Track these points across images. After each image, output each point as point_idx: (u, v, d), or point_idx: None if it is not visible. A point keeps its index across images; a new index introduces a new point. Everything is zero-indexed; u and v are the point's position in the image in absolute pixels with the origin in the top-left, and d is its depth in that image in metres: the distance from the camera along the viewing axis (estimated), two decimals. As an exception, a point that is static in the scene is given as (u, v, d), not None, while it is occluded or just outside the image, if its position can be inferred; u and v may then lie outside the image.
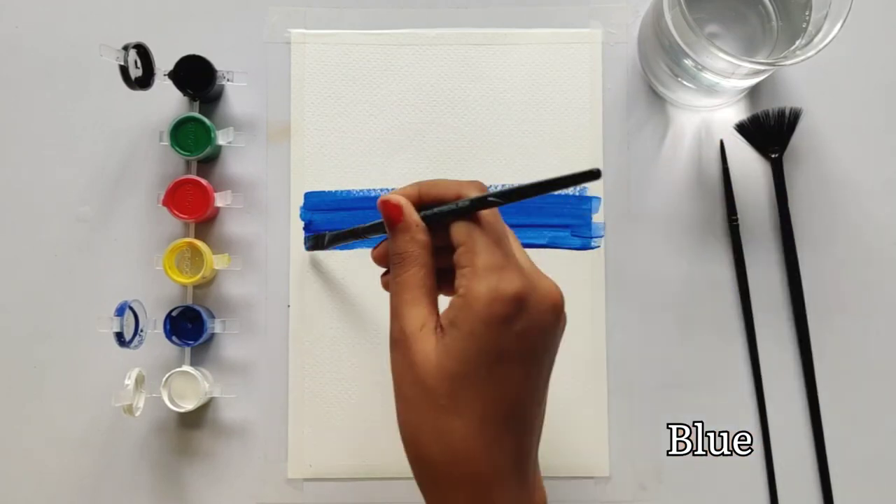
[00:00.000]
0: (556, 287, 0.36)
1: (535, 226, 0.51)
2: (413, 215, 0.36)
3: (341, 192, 0.51)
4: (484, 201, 0.35)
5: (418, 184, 0.38)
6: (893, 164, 0.52)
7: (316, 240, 0.48)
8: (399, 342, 0.35)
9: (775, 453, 0.50)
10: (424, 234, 0.36)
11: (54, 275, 0.51)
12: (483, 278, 0.34)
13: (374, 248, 0.39)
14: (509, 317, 0.33)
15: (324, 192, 0.51)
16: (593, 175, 0.32)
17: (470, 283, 0.34)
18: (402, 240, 0.36)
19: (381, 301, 0.51)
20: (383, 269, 0.40)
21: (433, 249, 0.36)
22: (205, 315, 0.49)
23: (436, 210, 0.36)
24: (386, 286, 0.39)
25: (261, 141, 0.52)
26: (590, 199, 0.51)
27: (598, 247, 0.51)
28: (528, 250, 0.50)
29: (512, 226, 0.51)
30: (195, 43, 0.51)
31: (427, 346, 0.34)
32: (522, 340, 0.34)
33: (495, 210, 0.36)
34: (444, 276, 0.37)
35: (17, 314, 0.51)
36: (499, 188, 0.48)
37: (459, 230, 0.35)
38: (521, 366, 0.34)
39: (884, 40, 0.52)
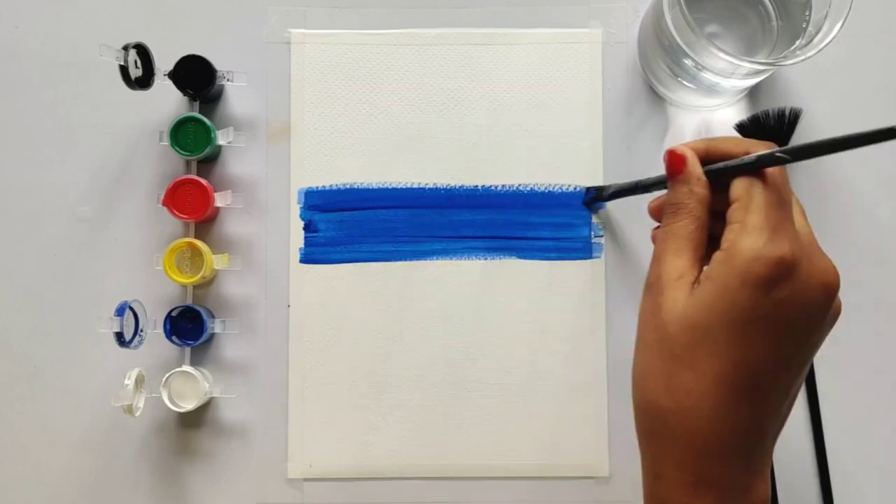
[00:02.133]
0: (834, 268, 0.34)
1: (535, 224, 0.51)
2: (696, 167, 0.36)
3: (340, 188, 0.51)
4: (771, 157, 0.34)
5: (707, 139, 0.37)
6: (893, 164, 0.52)
7: (597, 191, 0.49)
8: (653, 286, 0.35)
9: (775, 453, 0.50)
10: (704, 188, 0.35)
11: (54, 275, 0.51)
12: (750, 235, 0.32)
13: (653, 201, 0.39)
14: (770, 280, 0.32)
15: (323, 189, 0.51)
16: (893, 133, 0.30)
17: (736, 238, 0.33)
18: (680, 191, 0.36)
19: (380, 301, 0.51)
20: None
21: (710, 207, 0.35)
22: (205, 315, 0.49)
23: (720, 165, 0.36)
24: (654, 239, 0.38)
25: (261, 141, 0.52)
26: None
27: (598, 257, 0.51)
28: (532, 261, 0.51)
29: (511, 224, 0.51)
30: (195, 43, 0.51)
31: (679, 295, 0.33)
32: (780, 310, 0.32)
33: (783, 173, 0.35)
34: (715, 243, 0.35)
35: (17, 314, 0.51)
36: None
37: (739, 185, 0.34)
38: (771, 337, 0.32)
39: (884, 40, 0.52)
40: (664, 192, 0.39)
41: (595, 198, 0.50)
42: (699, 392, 0.32)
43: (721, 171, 0.36)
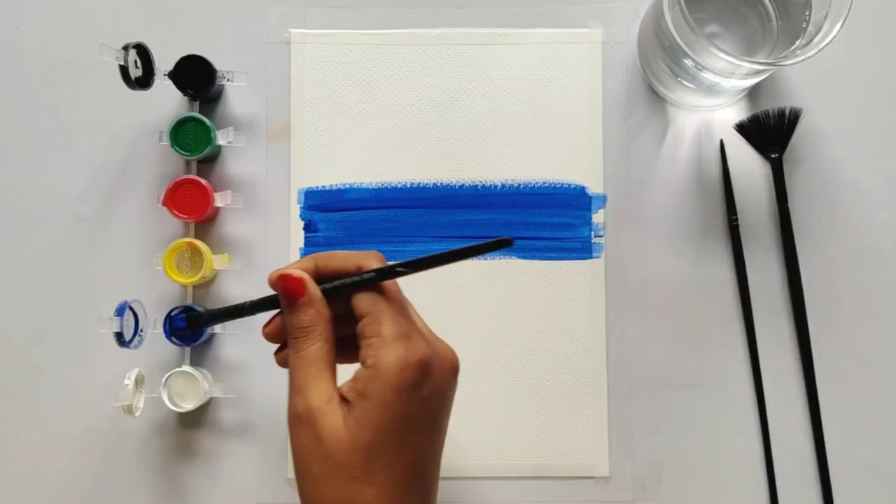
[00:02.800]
0: (453, 350, 0.37)
1: (535, 224, 0.51)
2: (315, 289, 0.36)
3: (340, 187, 0.51)
4: (391, 272, 0.36)
5: (313, 257, 0.38)
6: (893, 164, 0.52)
7: (190, 320, 0.44)
8: (304, 418, 0.35)
9: (775, 453, 0.50)
10: (326, 307, 0.36)
11: (54, 275, 0.51)
12: (391, 348, 0.34)
13: (266, 324, 0.39)
14: (417, 383, 0.34)
15: (323, 189, 0.51)
16: (506, 243, 0.33)
17: (378, 353, 0.34)
18: (306, 314, 0.36)
19: (381, 301, 0.51)
20: (275, 346, 0.39)
21: (333, 321, 0.37)
22: (205, 315, 0.49)
23: (338, 283, 0.36)
24: (282, 363, 0.39)
25: (260, 141, 0.52)
26: (590, 198, 0.51)
27: (598, 257, 0.51)
28: (532, 261, 0.51)
29: (511, 224, 0.51)
30: (195, 43, 0.51)
31: (335, 420, 0.34)
32: (427, 405, 0.35)
33: (396, 280, 0.37)
34: (340, 344, 0.37)
35: (17, 314, 0.51)
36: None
37: (363, 301, 0.36)
38: (427, 429, 0.36)
39: (884, 40, 0.52)
40: (269, 312, 0.39)
41: (189, 325, 0.44)
42: (382, 501, 0.34)
43: (341, 288, 0.36)
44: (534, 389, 0.51)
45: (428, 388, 0.35)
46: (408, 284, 0.52)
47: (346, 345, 0.37)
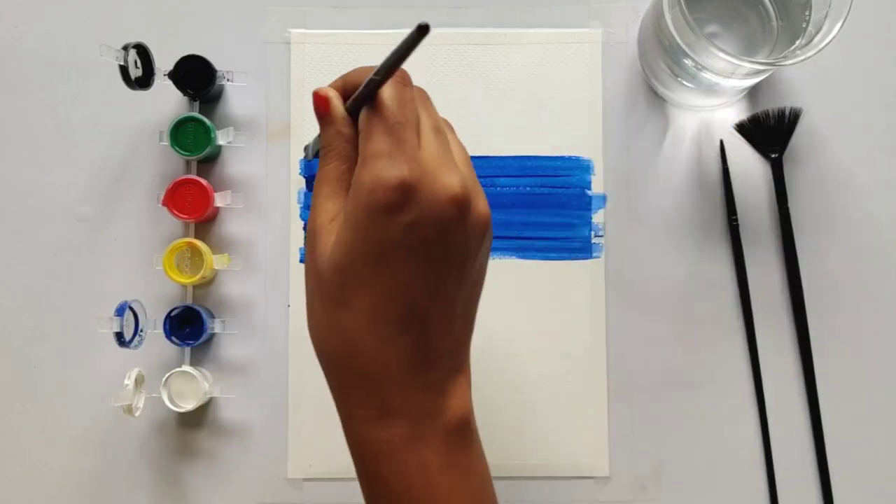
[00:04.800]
0: (461, 181, 0.32)
1: (535, 224, 0.51)
2: (338, 108, 0.35)
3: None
4: (370, 83, 0.33)
5: (344, 74, 0.36)
6: (893, 164, 0.52)
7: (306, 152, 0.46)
8: (309, 235, 0.34)
9: (775, 453, 0.50)
10: (349, 126, 0.35)
11: (54, 275, 0.51)
12: (368, 165, 0.32)
13: None
14: (392, 206, 0.31)
15: None
16: (423, 29, 0.30)
17: (357, 171, 0.32)
18: (327, 133, 0.35)
19: (381, 301, 0.51)
20: None
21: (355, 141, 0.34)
22: (205, 315, 0.49)
23: (350, 100, 0.35)
24: None
25: (261, 141, 0.52)
26: (590, 198, 0.51)
27: (598, 257, 0.51)
28: (532, 261, 0.51)
29: (511, 224, 0.51)
30: (195, 43, 0.51)
31: (329, 239, 0.33)
32: (411, 233, 0.32)
33: (403, 91, 0.33)
34: None
35: (17, 314, 0.51)
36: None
37: (361, 117, 0.34)
38: (412, 262, 0.32)
39: (884, 40, 0.52)
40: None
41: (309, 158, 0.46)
42: (359, 328, 0.32)
43: (352, 106, 0.35)
44: (533, 389, 0.51)
45: (410, 215, 0.31)
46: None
47: None
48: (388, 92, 0.33)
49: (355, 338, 0.33)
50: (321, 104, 0.35)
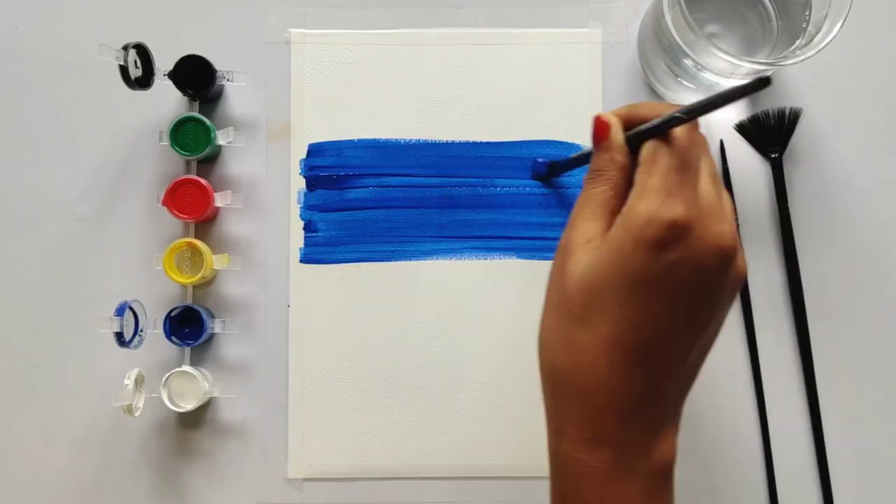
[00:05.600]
0: (732, 234, 0.33)
1: (535, 224, 0.51)
2: (618, 135, 0.36)
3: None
4: (672, 119, 0.34)
5: (630, 105, 0.38)
6: (893, 164, 0.52)
7: (536, 167, 0.50)
8: (562, 249, 0.36)
9: (775, 453, 0.50)
10: (624, 155, 0.36)
11: (54, 275, 0.51)
12: (647, 198, 0.33)
13: None
14: (661, 242, 0.32)
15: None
16: (764, 82, 0.30)
17: (633, 201, 0.33)
18: (601, 158, 0.36)
19: (380, 300, 0.51)
20: None
21: (630, 172, 0.36)
22: (205, 315, 0.49)
23: (635, 130, 0.36)
24: None
25: (260, 141, 0.52)
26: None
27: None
28: (532, 261, 0.51)
29: (511, 224, 0.51)
30: (195, 43, 0.51)
31: (582, 258, 0.34)
32: (671, 272, 0.32)
33: (692, 136, 0.35)
34: None
35: (17, 314, 0.51)
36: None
37: (645, 149, 0.35)
38: (664, 299, 0.32)
39: (884, 40, 0.52)
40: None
41: (537, 176, 0.51)
42: (594, 351, 0.33)
43: (635, 136, 0.36)
44: (534, 389, 0.50)
45: (675, 254, 0.32)
46: (409, 283, 0.52)
47: None
48: (681, 131, 0.34)
49: (588, 358, 0.33)
50: (602, 129, 0.37)
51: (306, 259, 0.51)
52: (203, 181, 0.49)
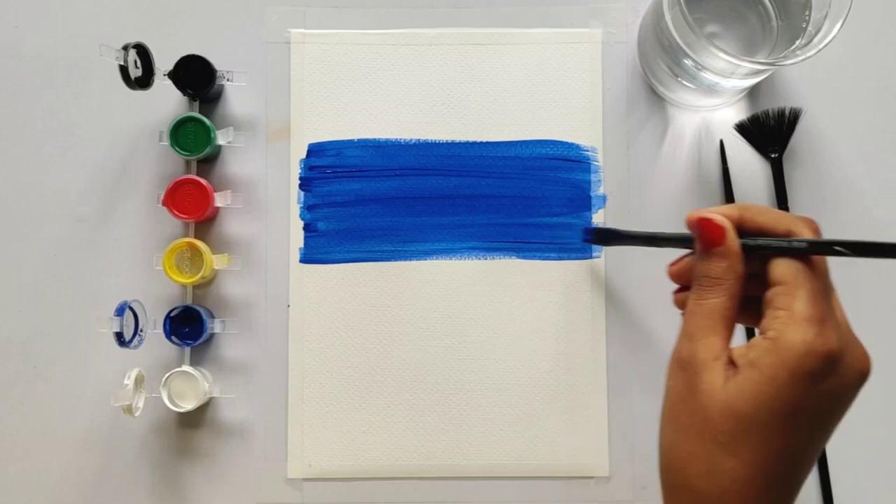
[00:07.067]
0: (867, 354, 0.34)
1: (535, 224, 0.51)
2: (734, 242, 0.34)
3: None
4: (827, 248, 0.33)
5: (740, 206, 0.35)
6: (893, 164, 0.52)
7: (598, 234, 0.48)
8: (688, 366, 0.34)
9: (775, 453, 0.50)
10: (742, 263, 0.34)
11: (54, 275, 0.51)
12: (800, 327, 0.32)
13: (674, 263, 0.38)
14: (817, 374, 0.32)
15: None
16: None
17: (784, 329, 0.32)
18: (717, 265, 0.34)
19: (380, 300, 0.51)
20: (675, 286, 0.38)
21: (744, 279, 0.34)
22: (205, 315, 0.49)
23: (762, 241, 0.34)
24: (679, 304, 0.37)
25: (260, 141, 0.52)
26: (590, 197, 0.51)
27: (598, 257, 0.51)
28: (532, 261, 0.51)
29: (511, 223, 0.51)
30: (195, 43, 0.51)
31: (717, 379, 0.33)
32: (822, 401, 0.32)
33: (826, 260, 0.34)
34: (742, 303, 0.35)
35: (17, 314, 0.51)
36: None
37: (784, 268, 0.33)
38: (813, 426, 0.33)
39: (884, 40, 0.52)
40: (679, 250, 0.38)
41: (594, 240, 0.49)
42: (743, 479, 0.32)
43: (764, 248, 0.34)
44: (534, 389, 0.51)
45: (827, 385, 0.32)
46: (409, 283, 0.52)
47: (748, 306, 0.35)
48: (822, 258, 0.34)
49: (733, 487, 0.32)
50: (716, 233, 0.34)
51: (306, 259, 0.51)
52: (203, 181, 0.49)
